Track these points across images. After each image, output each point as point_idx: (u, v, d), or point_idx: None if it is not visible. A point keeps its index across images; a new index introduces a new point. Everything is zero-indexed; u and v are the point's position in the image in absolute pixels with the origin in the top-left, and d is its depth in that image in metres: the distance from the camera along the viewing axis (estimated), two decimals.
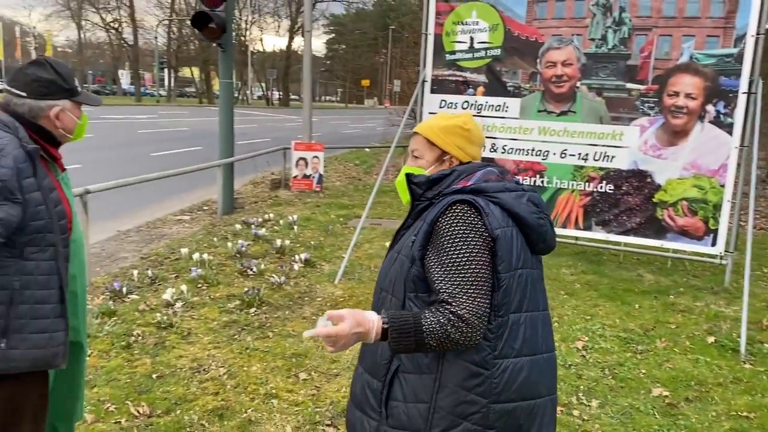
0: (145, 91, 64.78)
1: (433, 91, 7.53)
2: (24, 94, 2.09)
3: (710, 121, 6.15)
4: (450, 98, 7.44)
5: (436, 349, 1.60)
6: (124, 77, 73.16)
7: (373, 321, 1.58)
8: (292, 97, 69.27)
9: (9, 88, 2.10)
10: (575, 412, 3.61)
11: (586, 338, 4.72)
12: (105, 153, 15.65)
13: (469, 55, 7.27)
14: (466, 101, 7.34)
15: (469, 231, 1.64)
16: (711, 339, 4.76)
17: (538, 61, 6.89)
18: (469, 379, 1.64)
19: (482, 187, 1.72)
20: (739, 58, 5.97)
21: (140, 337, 4.35)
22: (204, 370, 3.93)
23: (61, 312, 2.15)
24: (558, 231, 6.89)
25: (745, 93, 5.92)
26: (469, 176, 1.79)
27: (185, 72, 71.49)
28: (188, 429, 3.23)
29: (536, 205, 1.77)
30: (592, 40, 6.63)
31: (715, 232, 6.16)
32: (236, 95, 70.54)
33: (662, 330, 4.96)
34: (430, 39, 7.40)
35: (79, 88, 2.21)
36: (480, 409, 1.64)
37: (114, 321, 4.60)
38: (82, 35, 59.20)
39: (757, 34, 5.83)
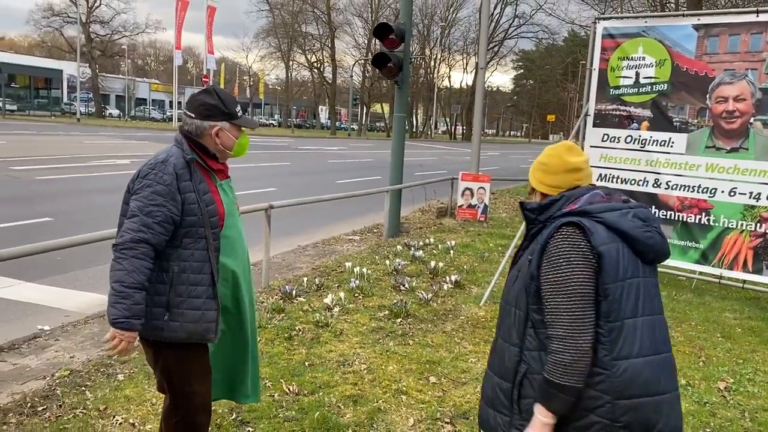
0: (340, 125, 69.89)
1: (595, 125, 7.59)
2: (193, 115, 2.53)
3: None
4: (612, 132, 7.44)
5: (578, 377, 1.80)
6: (323, 112, 79.63)
7: (535, 413, 1.86)
8: None
9: (185, 110, 2.60)
10: None
11: (732, 380, 4.52)
12: (297, 179, 17.42)
13: (634, 90, 7.23)
14: (630, 136, 7.29)
15: (573, 250, 1.85)
16: None
17: (707, 96, 6.68)
18: (590, 377, 1.82)
19: (587, 209, 1.91)
20: None
21: (301, 332, 5.05)
22: (348, 364, 4.48)
23: (213, 294, 2.52)
24: (724, 273, 6.58)
25: None
26: (577, 200, 1.98)
27: (376, 107, 75.95)
28: (326, 408, 3.77)
29: (643, 220, 1.93)
30: None
31: None
32: (422, 129, 73.34)
33: None
34: (595, 74, 7.50)
35: (240, 113, 2.60)
36: (604, 404, 1.83)
37: (282, 317, 5.37)
38: (289, 74, 65.67)
39: None
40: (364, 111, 68.84)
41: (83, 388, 3.92)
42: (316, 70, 64.80)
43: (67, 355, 4.53)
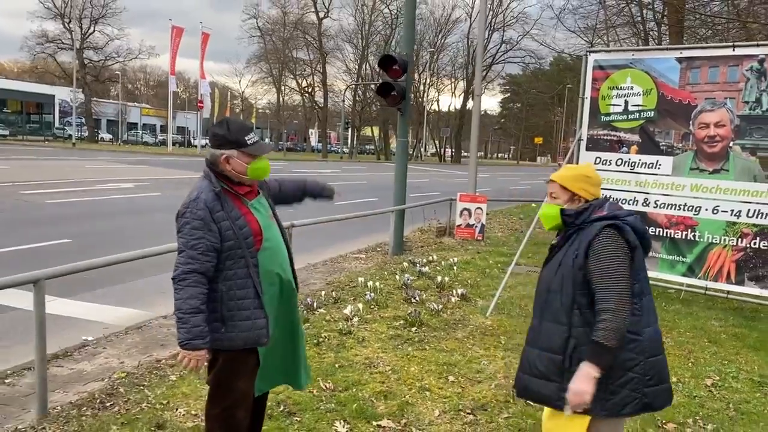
0: (330, 148, 70.56)
1: (588, 149, 8.18)
2: (210, 145, 2.88)
3: None
4: (604, 155, 8.03)
5: (621, 340, 2.40)
6: (314, 136, 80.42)
7: (584, 369, 2.42)
8: (465, 154, 71.33)
9: (207, 141, 3.12)
10: (688, 431, 4.07)
11: (718, 378, 5.05)
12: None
13: (624, 117, 7.85)
14: (620, 159, 7.89)
15: (616, 247, 2.47)
16: None
17: (690, 122, 7.29)
18: (628, 343, 2.47)
19: (617, 214, 2.56)
20: None
21: (327, 339, 5.52)
22: (374, 366, 4.96)
23: (259, 305, 2.83)
24: (709, 285, 7.13)
25: None
26: (601, 208, 2.61)
27: (366, 131, 76.87)
28: (361, 401, 4.24)
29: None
30: (746, 102, 6.92)
31: None
32: (411, 151, 74.15)
33: None
34: (587, 102, 8.11)
35: (249, 141, 2.81)
36: (639, 362, 2.49)
37: (307, 326, 5.83)
38: (281, 99, 66.40)
39: None
40: (355, 134, 69.65)
41: (142, 387, 4.37)
42: (307, 95, 65.63)
43: (117, 361, 4.97)
